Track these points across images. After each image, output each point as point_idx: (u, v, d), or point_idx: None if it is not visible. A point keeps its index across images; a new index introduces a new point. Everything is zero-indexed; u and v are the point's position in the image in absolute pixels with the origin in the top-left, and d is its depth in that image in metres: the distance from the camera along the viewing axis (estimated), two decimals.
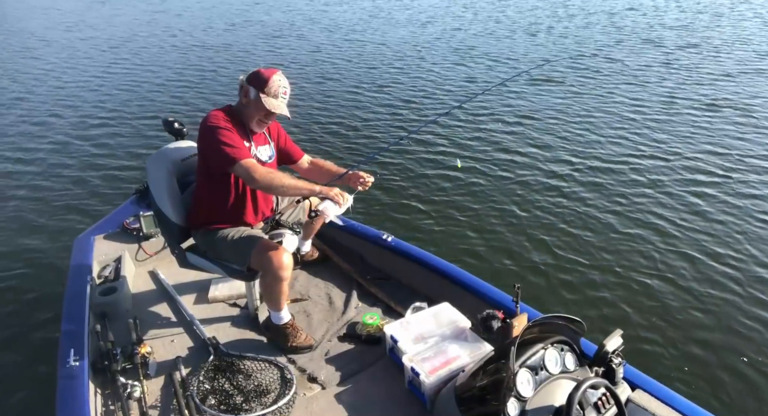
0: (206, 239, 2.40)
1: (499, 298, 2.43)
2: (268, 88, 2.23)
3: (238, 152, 2.17)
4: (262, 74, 2.25)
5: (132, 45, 11.88)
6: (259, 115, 2.29)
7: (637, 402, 1.87)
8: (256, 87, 2.24)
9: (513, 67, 8.77)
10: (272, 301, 2.37)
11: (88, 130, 6.73)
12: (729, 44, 9.76)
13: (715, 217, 4.25)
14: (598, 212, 4.41)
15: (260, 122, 2.32)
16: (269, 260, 2.20)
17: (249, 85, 2.25)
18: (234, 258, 2.35)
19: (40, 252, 4.08)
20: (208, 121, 2.21)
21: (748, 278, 3.55)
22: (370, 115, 6.92)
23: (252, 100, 2.25)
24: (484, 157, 5.52)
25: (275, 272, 2.21)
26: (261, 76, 2.25)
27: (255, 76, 2.25)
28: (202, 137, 2.24)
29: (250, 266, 2.31)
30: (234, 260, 2.36)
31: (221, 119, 2.22)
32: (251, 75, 2.27)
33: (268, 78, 2.24)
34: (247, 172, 2.15)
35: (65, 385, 2.03)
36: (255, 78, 2.25)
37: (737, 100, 6.89)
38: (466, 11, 14.70)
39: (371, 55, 10.04)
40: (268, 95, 2.24)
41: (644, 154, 5.42)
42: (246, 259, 2.29)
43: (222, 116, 2.24)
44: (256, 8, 16.68)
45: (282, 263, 2.21)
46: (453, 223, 4.34)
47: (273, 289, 2.29)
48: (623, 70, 8.39)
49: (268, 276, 2.26)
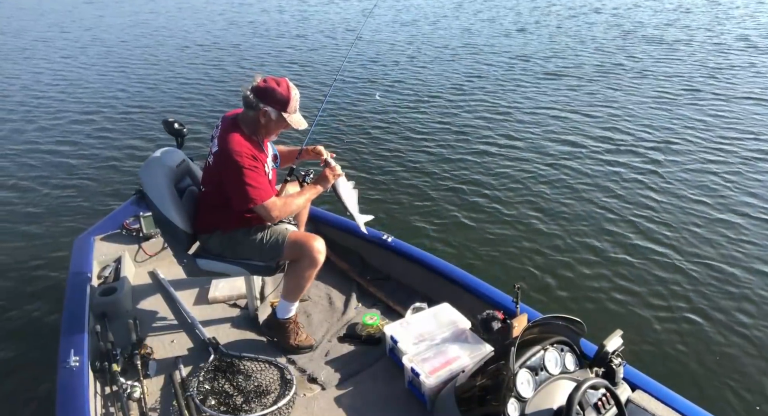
0: (224, 242, 2.38)
1: (499, 298, 2.43)
2: (290, 107, 2.20)
3: (260, 194, 2.17)
4: (279, 93, 2.17)
5: (132, 45, 11.87)
6: (279, 130, 2.29)
7: (637, 402, 1.88)
8: (277, 108, 2.18)
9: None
10: (297, 289, 2.37)
11: (88, 130, 6.73)
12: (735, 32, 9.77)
13: (715, 216, 4.25)
14: (598, 212, 4.41)
15: (276, 134, 2.34)
16: (307, 247, 2.26)
17: (266, 106, 2.17)
18: (262, 255, 2.35)
19: (41, 252, 4.08)
20: (232, 153, 2.14)
21: (749, 278, 3.55)
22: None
23: (273, 121, 2.22)
24: (483, 157, 5.52)
25: (313, 256, 2.25)
26: (278, 95, 2.16)
27: (270, 95, 2.16)
28: (225, 168, 2.18)
29: (283, 258, 2.34)
30: (261, 257, 2.36)
31: (245, 152, 2.15)
32: (262, 92, 2.17)
33: (288, 97, 2.18)
34: (267, 213, 2.22)
35: (65, 385, 2.03)
36: (271, 97, 2.16)
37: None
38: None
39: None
40: (291, 113, 2.22)
41: (644, 154, 5.42)
42: (278, 253, 2.32)
43: (245, 146, 2.18)
44: (256, 8, 16.69)
45: (319, 248, 2.26)
46: (453, 223, 4.34)
47: (305, 275, 2.31)
48: (633, 68, 8.39)
49: (304, 262, 2.28)
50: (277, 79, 2.21)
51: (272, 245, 2.32)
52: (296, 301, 2.42)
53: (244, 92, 2.19)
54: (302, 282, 2.34)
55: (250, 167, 2.16)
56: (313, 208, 3.18)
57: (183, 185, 2.51)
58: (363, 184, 4.98)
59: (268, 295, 2.86)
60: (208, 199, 2.40)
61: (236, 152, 2.15)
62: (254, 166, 2.18)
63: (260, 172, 2.21)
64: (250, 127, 2.26)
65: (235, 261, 2.41)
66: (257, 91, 2.17)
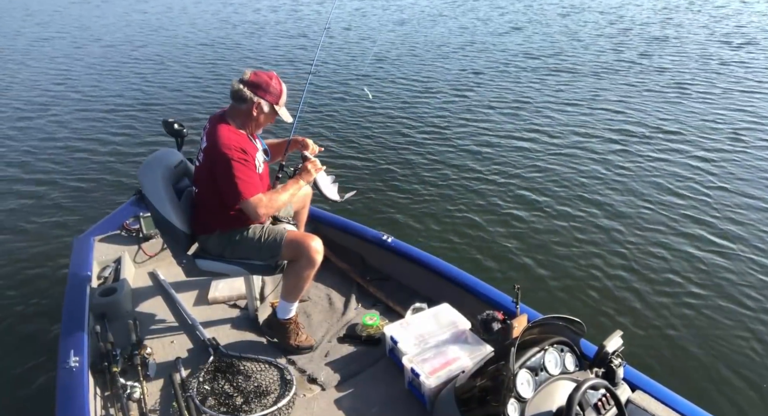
0: (223, 242, 2.39)
1: (499, 299, 2.43)
2: (281, 100, 2.28)
3: (248, 189, 2.19)
4: (273, 86, 2.24)
5: (131, 45, 11.87)
6: (267, 124, 2.34)
7: (638, 403, 1.88)
8: (270, 100, 2.25)
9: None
10: (296, 289, 2.37)
11: (87, 130, 6.73)
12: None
13: (716, 216, 4.25)
14: (598, 212, 4.41)
15: (262, 128, 2.38)
16: (304, 247, 2.27)
17: (261, 99, 2.22)
18: (261, 255, 2.36)
19: (40, 253, 4.08)
20: (221, 147, 2.17)
21: (749, 278, 3.55)
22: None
23: (265, 114, 2.28)
24: (483, 157, 5.52)
25: (311, 256, 2.26)
26: (272, 87, 2.24)
27: (264, 87, 2.22)
28: (215, 163, 2.21)
29: (282, 258, 2.34)
30: (261, 257, 2.37)
31: (233, 145, 2.18)
32: (256, 85, 2.22)
33: (281, 90, 2.26)
34: (254, 209, 2.22)
35: (65, 386, 2.03)
36: (265, 89, 2.22)
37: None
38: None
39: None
40: (282, 106, 2.30)
41: (644, 155, 5.42)
42: (277, 252, 2.32)
43: (234, 139, 2.21)
44: (254, 7, 16.70)
45: (316, 248, 2.27)
46: (453, 224, 4.34)
47: (303, 275, 2.31)
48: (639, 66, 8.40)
49: (302, 262, 2.29)
50: (267, 72, 2.27)
51: (270, 244, 2.33)
52: (296, 301, 2.42)
53: (236, 86, 2.22)
54: (301, 282, 2.34)
55: (239, 159, 2.18)
56: (313, 208, 3.17)
57: (181, 186, 2.52)
58: (364, 184, 4.98)
59: (268, 295, 2.86)
60: (203, 199, 2.40)
61: (225, 145, 2.18)
62: (243, 159, 2.19)
63: (250, 165, 2.22)
64: (239, 120, 2.28)
65: (234, 261, 2.41)
66: (250, 84, 2.21)
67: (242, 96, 2.21)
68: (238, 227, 2.36)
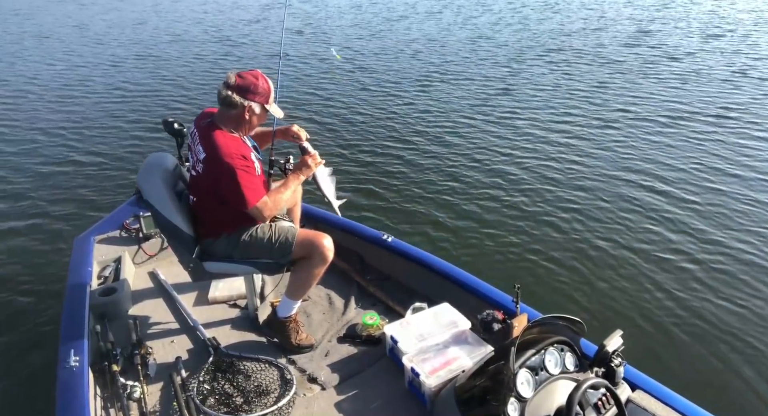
0: (231, 244, 2.36)
1: (499, 298, 2.43)
2: (271, 98, 2.25)
3: (254, 195, 2.17)
4: (260, 86, 2.19)
5: (131, 45, 11.87)
6: (260, 122, 2.32)
7: (638, 402, 1.88)
8: (261, 101, 2.21)
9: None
10: (304, 287, 2.38)
11: (87, 130, 6.73)
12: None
13: (716, 216, 4.25)
14: (598, 212, 4.41)
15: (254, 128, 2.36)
16: (317, 245, 2.27)
17: (251, 102, 2.18)
18: (272, 254, 2.34)
19: (40, 252, 4.08)
20: (223, 156, 2.12)
21: (749, 278, 3.55)
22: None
23: (258, 115, 2.25)
24: (483, 156, 5.52)
25: (324, 254, 2.27)
26: (260, 88, 2.19)
27: (253, 90, 2.17)
28: (218, 174, 2.16)
29: (293, 256, 2.33)
30: (271, 256, 2.35)
31: (234, 153, 2.14)
32: (245, 88, 2.16)
33: (268, 89, 2.23)
34: (260, 213, 2.21)
35: (65, 386, 2.03)
36: (254, 92, 2.17)
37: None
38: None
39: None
40: (272, 104, 2.27)
41: (645, 155, 5.42)
42: (289, 251, 2.31)
43: (233, 146, 2.17)
44: (254, 6, 16.70)
45: (329, 246, 2.28)
46: (453, 223, 4.34)
47: (314, 273, 2.32)
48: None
49: (314, 260, 2.29)
50: (251, 72, 2.21)
51: (282, 243, 2.31)
52: (299, 300, 2.42)
53: (224, 93, 2.16)
54: (310, 280, 2.35)
55: (242, 167, 2.15)
56: (313, 208, 3.18)
57: (178, 190, 2.50)
58: (363, 183, 4.98)
59: (268, 295, 2.86)
60: (205, 206, 2.35)
61: (226, 154, 2.13)
62: (246, 165, 2.17)
63: (252, 171, 2.20)
64: (231, 125, 2.24)
65: (243, 261, 2.39)
66: (238, 88, 2.16)
67: (232, 102, 2.16)
68: (245, 228, 2.35)
